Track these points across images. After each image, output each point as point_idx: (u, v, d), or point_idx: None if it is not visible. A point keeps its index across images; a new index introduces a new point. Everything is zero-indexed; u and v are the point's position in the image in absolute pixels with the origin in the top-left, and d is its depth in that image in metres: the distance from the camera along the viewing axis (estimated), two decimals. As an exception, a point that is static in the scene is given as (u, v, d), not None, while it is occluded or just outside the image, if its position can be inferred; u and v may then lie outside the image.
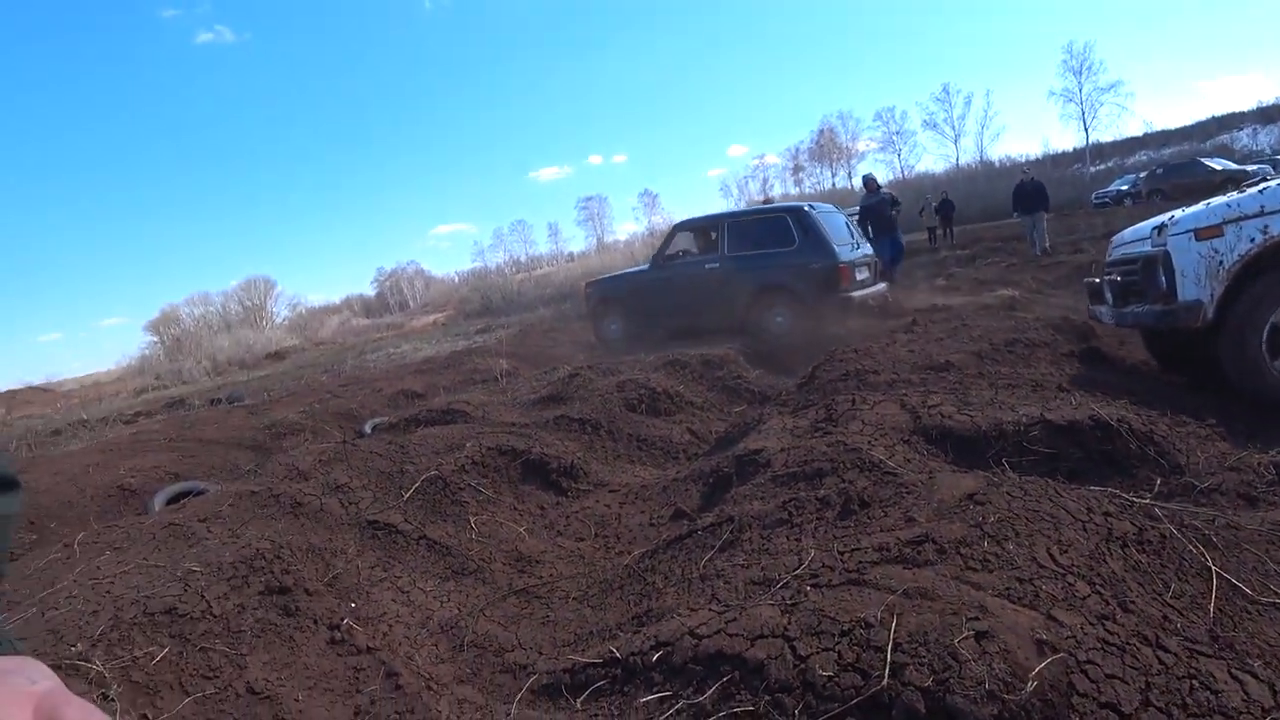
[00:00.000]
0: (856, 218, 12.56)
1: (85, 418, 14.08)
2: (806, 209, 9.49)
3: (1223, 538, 2.09)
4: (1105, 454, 2.96)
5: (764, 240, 9.47)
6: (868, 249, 10.30)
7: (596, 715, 2.00)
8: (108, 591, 2.94)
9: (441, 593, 3.15)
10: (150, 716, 2.39)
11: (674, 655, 1.87)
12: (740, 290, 9.32)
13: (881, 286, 10.08)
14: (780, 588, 1.98)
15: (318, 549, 3.28)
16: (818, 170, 71.08)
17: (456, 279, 77.40)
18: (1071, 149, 54.53)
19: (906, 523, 2.19)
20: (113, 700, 2.30)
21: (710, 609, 1.98)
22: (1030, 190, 16.32)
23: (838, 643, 1.66)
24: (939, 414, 3.28)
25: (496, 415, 5.27)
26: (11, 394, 30.03)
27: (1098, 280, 4.78)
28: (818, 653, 1.66)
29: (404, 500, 3.68)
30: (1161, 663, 1.53)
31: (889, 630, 1.63)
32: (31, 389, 28.44)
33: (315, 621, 2.87)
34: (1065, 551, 1.91)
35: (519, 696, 2.41)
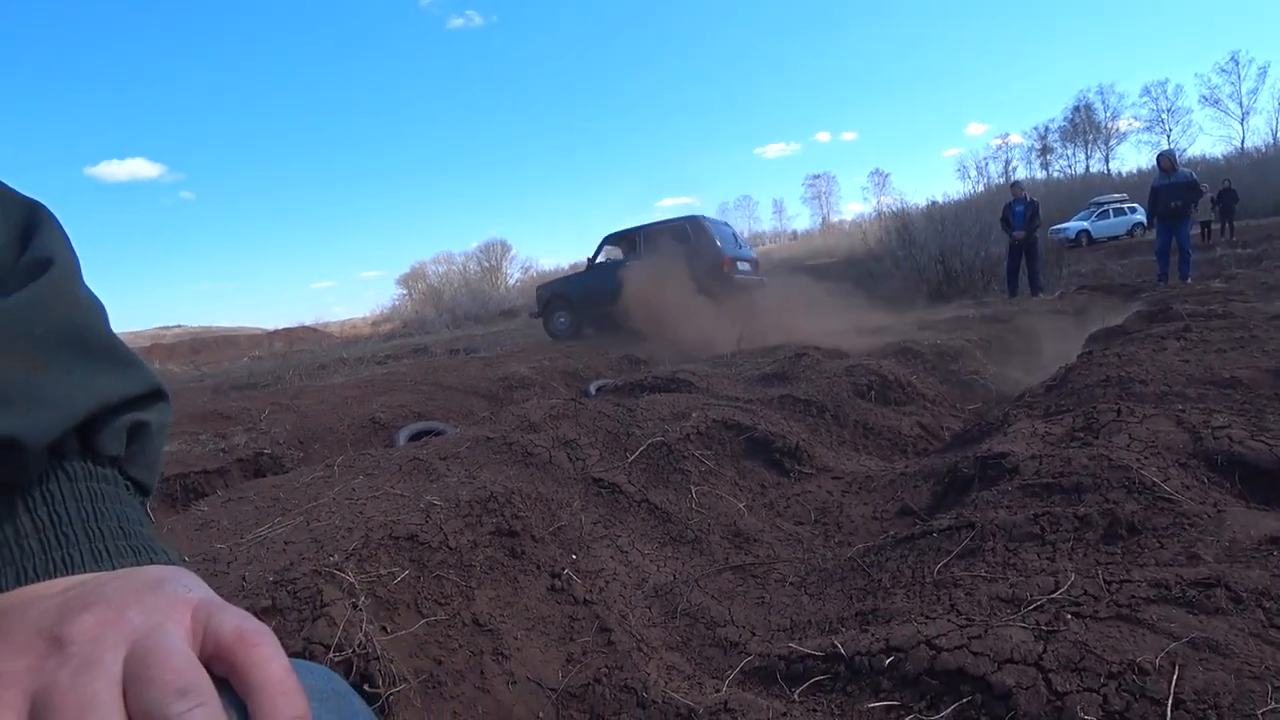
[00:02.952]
0: (1134, 205, 12.38)
1: (344, 356, 15.66)
2: (700, 218, 13.25)
3: None
4: None
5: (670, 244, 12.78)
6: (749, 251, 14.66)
7: (815, 711, 1.91)
8: (360, 512, 3.20)
9: (659, 557, 3.17)
10: (388, 629, 2.57)
11: (906, 663, 1.74)
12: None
13: (760, 277, 14.07)
14: (1032, 610, 1.78)
15: (545, 499, 3.40)
16: (1069, 152, 65.01)
17: (682, 250, 78.54)
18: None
19: (1189, 560, 1.91)
20: (359, 609, 2.48)
21: (949, 620, 1.82)
22: None
23: (1104, 685, 1.47)
24: (1227, 438, 2.85)
25: (720, 388, 5.25)
26: (290, 331, 34.14)
27: None
28: (1078, 692, 1.47)
29: (629, 462, 3.73)
30: None
31: (1169, 682, 1.41)
32: (305, 328, 32.15)
33: (538, 567, 2.98)
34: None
35: (730, 676, 2.36)
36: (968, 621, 1.81)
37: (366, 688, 2.22)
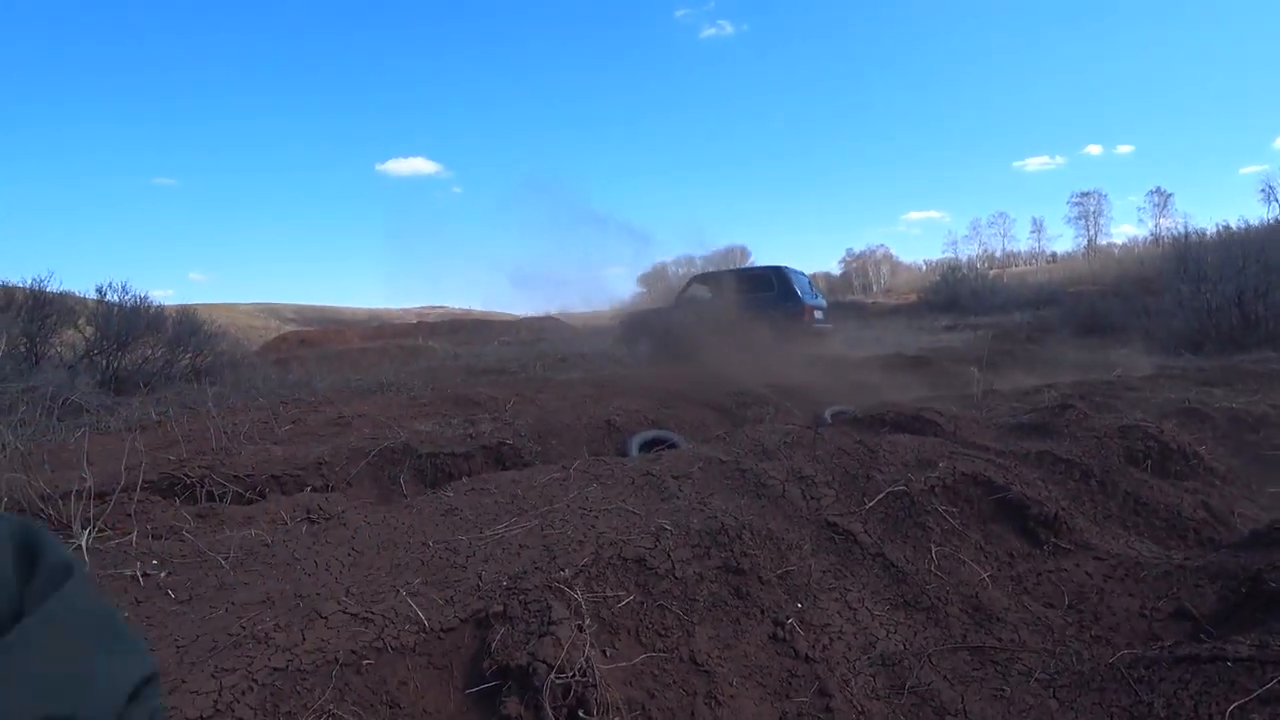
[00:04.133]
0: None
1: (584, 352, 16.37)
2: (784, 269, 14.09)
3: None
4: None
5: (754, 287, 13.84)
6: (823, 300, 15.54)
7: None
8: (592, 525, 3.27)
9: (890, 621, 2.97)
10: (607, 654, 2.59)
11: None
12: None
13: (830, 324, 15.06)
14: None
15: (775, 537, 3.31)
16: None
17: (924, 267, 75.15)
18: None
19: None
20: (584, 632, 2.52)
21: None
22: None
23: None
24: None
25: (969, 434, 4.88)
26: (535, 320, 36.38)
27: None
28: None
29: (866, 509, 3.55)
30: None
31: None
32: (549, 317, 34.08)
33: (762, 611, 2.89)
34: None
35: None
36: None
37: (581, 713, 2.25)
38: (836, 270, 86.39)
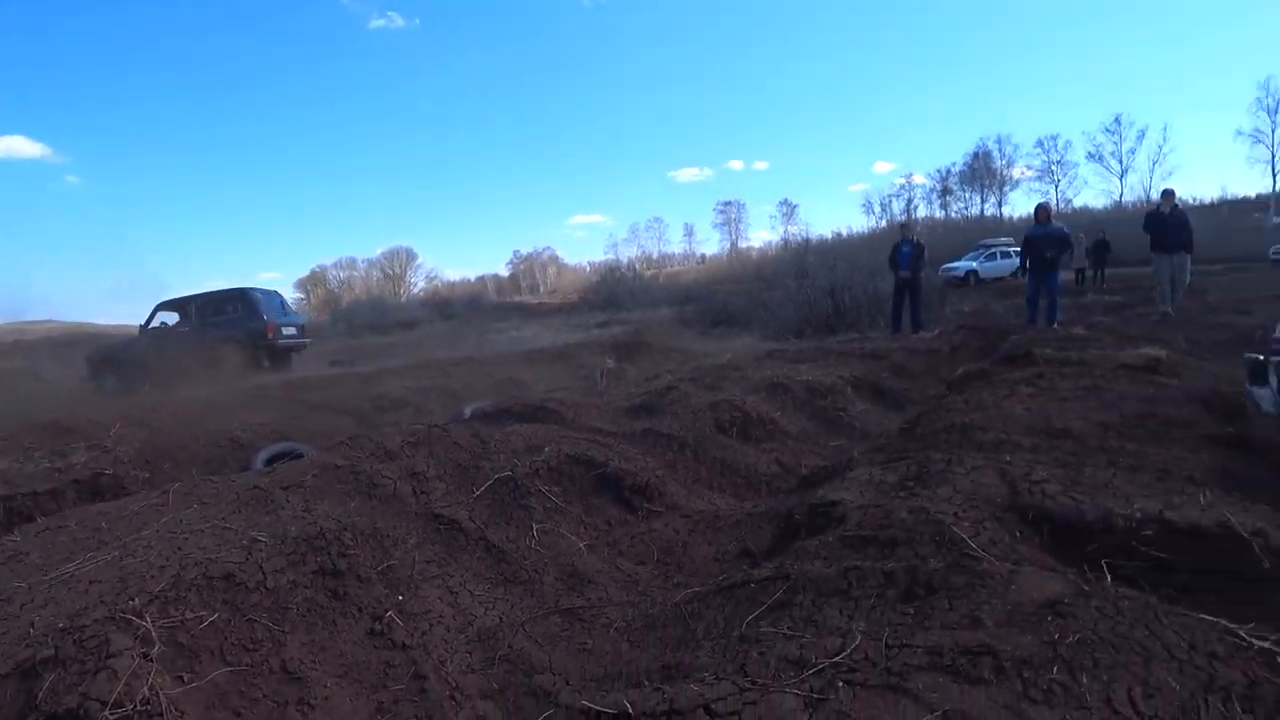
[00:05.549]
0: (1018, 248, 12.95)
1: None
2: (248, 290, 14.05)
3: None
4: (1232, 571, 2.60)
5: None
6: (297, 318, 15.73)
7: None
8: (179, 548, 3.03)
9: (489, 599, 3.10)
10: (185, 679, 2.43)
11: (685, 727, 1.74)
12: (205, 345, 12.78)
13: (306, 340, 15.37)
14: (812, 674, 1.80)
15: (381, 534, 3.30)
16: (966, 195, 68.56)
17: (588, 268, 78.97)
18: (1254, 195, 50.31)
19: (971, 624, 1.96)
20: (150, 659, 2.34)
21: (734, 681, 1.82)
22: (1173, 223, 12.38)
23: (857, 758, 1.49)
24: (1041, 491, 2.98)
25: (586, 419, 5.22)
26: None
27: (1261, 358, 4.27)
28: (833, 764, 1.49)
29: (473, 498, 3.66)
30: None
31: (916, 757, 1.44)
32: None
33: (360, 609, 2.88)
34: (1150, 696, 1.65)
35: (533, 727, 2.33)
36: (750, 684, 1.81)
37: (148, 744, 2.09)
38: (505, 272, 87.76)
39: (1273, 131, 48.35)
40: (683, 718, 1.73)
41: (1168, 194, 12.72)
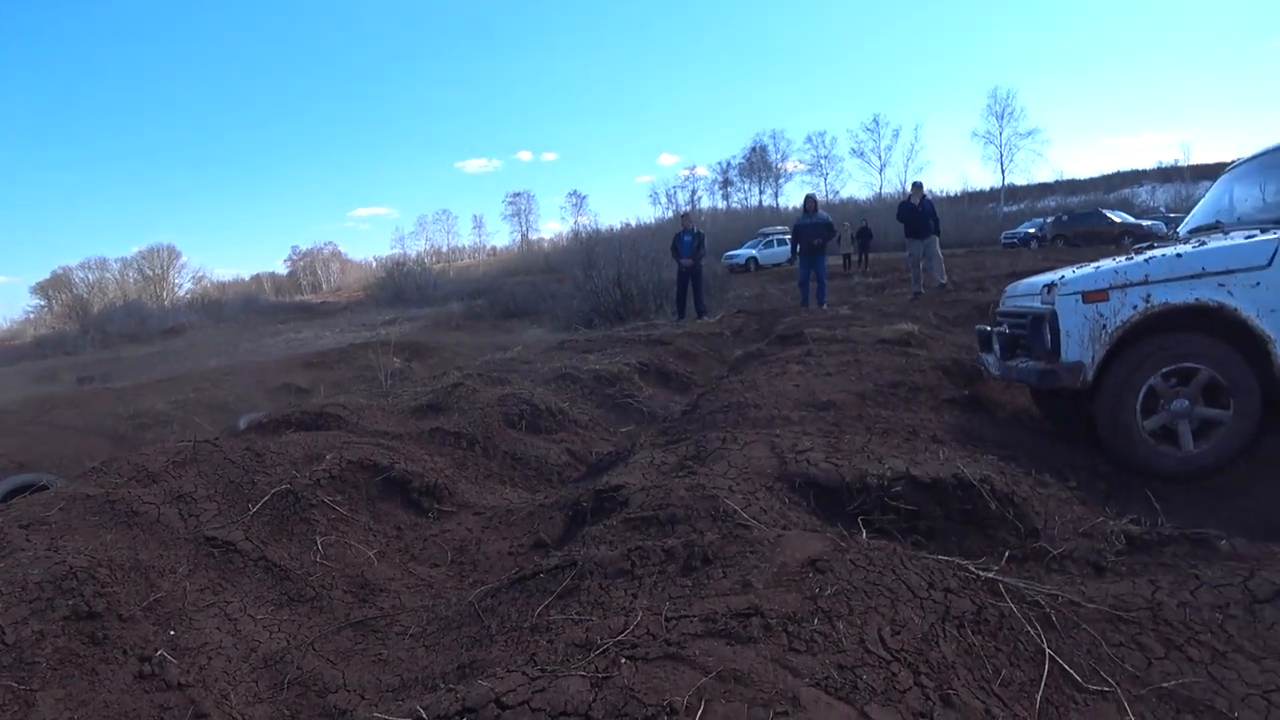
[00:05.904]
0: (790, 236, 13.76)
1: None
2: None
3: (1062, 617, 2.06)
4: (966, 514, 2.94)
5: None
6: None
7: (394, 782, 1.86)
8: (-115, 609, 2.65)
9: (273, 622, 2.94)
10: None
11: (477, 724, 1.75)
12: None
13: None
14: (598, 654, 1.86)
15: (144, 567, 3.03)
16: (746, 186, 72.25)
17: (374, 263, 75.88)
18: (988, 188, 56.77)
19: (742, 588, 2.10)
20: None
21: (524, 672, 1.84)
22: (922, 212, 13.46)
23: (640, 730, 1.57)
24: (805, 460, 3.23)
25: (371, 423, 5.04)
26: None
27: (988, 329, 4.84)
28: (618, 739, 1.56)
29: (249, 516, 3.44)
30: (973, 767, 1.48)
31: (694, 718, 1.54)
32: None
33: (125, 652, 2.62)
34: (897, 633, 1.85)
35: (327, 748, 2.25)
36: (540, 673, 1.84)
37: None
38: (283, 269, 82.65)
39: (1000, 133, 54.62)
40: (476, 715, 1.73)
41: (917, 186, 13.97)
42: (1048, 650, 1.91)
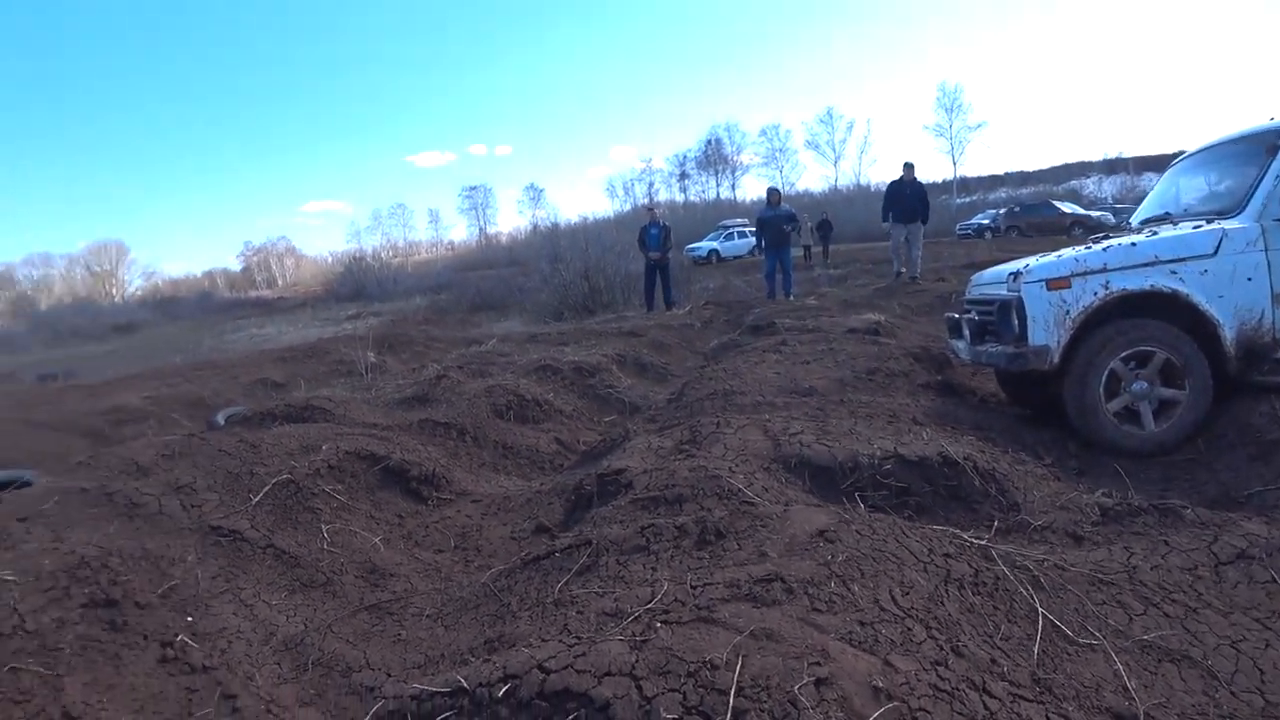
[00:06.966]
0: (754, 229, 14.01)
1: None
2: None
3: (1050, 579, 2.24)
4: (952, 489, 3.12)
5: None
6: None
7: (441, 749, 1.96)
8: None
9: (288, 606, 3.01)
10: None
11: (521, 689, 1.84)
12: None
13: None
14: (631, 621, 1.98)
15: (153, 556, 3.07)
16: (703, 179, 72.61)
17: (330, 259, 74.81)
18: (941, 180, 57.72)
19: (759, 558, 2.25)
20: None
21: (560, 640, 1.96)
22: (910, 195, 12.62)
23: (683, 684, 1.68)
24: (799, 442, 3.38)
25: (358, 415, 5.10)
26: None
27: (956, 316, 5.04)
28: (663, 694, 1.67)
29: (252, 505, 3.50)
30: (987, 709, 1.62)
31: (734, 674, 1.66)
32: None
33: (145, 637, 2.68)
34: (907, 594, 2.00)
35: (362, 723, 2.33)
36: (576, 640, 1.96)
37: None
38: (237, 265, 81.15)
39: (950, 126, 55.60)
40: (519, 680, 1.84)
41: (909, 166, 12.71)
42: (1040, 608, 2.08)
